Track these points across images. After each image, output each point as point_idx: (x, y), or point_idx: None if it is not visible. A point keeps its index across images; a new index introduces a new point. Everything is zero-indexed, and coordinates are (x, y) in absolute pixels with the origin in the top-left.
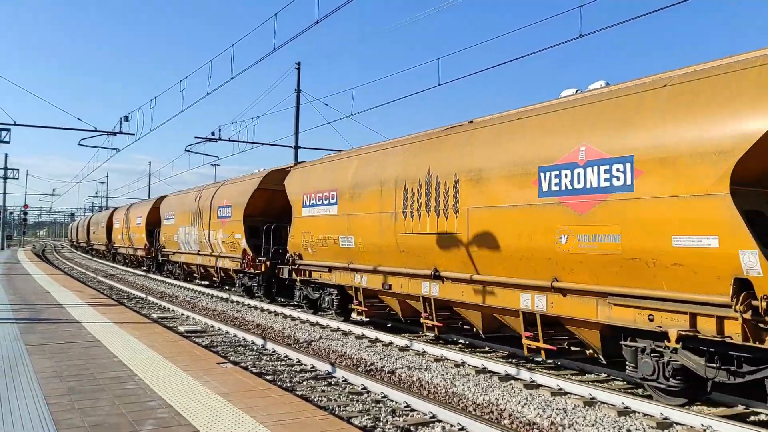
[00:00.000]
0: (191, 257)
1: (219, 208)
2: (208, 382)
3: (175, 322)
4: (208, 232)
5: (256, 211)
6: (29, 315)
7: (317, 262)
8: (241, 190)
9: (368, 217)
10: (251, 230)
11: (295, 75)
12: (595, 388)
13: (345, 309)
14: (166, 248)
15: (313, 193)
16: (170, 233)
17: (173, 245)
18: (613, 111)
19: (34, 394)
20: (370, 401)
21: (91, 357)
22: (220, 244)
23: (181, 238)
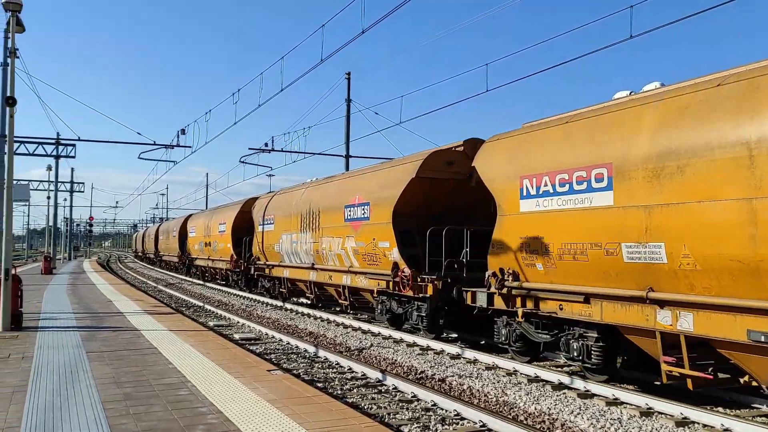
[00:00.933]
0: (300, 272)
1: (348, 208)
2: (258, 389)
3: (230, 330)
4: (330, 239)
5: (408, 210)
6: (91, 323)
7: (559, 285)
8: (386, 181)
9: (710, 207)
10: (403, 236)
11: (345, 85)
12: (652, 397)
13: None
14: (262, 260)
15: (546, 174)
16: (269, 242)
17: (273, 257)
18: None
19: (92, 400)
20: (420, 409)
21: (147, 364)
22: (350, 256)
23: (284, 247)
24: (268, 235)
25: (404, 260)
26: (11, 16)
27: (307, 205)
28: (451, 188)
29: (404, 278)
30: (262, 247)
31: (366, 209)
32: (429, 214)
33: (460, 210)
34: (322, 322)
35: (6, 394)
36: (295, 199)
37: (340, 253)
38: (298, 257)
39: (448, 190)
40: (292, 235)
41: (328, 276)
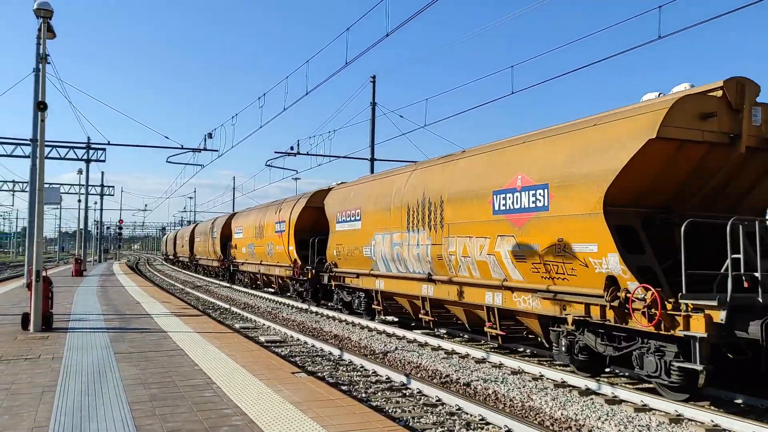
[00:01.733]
0: (406, 284)
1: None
2: (282, 391)
3: (256, 332)
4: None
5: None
6: (120, 324)
7: None
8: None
9: None
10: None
11: (370, 88)
12: (682, 404)
13: None
14: (343, 266)
15: None
16: (353, 243)
17: (359, 262)
18: None
19: (119, 400)
20: (444, 413)
21: (173, 365)
22: (504, 264)
23: (379, 250)
24: (353, 234)
25: (632, 272)
26: (42, 23)
27: (419, 194)
28: (703, 157)
29: (636, 302)
30: (341, 249)
31: (542, 195)
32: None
33: (716, 193)
34: (347, 325)
35: (36, 393)
36: (396, 186)
37: (485, 260)
38: (403, 264)
39: (698, 159)
40: (392, 235)
41: (458, 291)
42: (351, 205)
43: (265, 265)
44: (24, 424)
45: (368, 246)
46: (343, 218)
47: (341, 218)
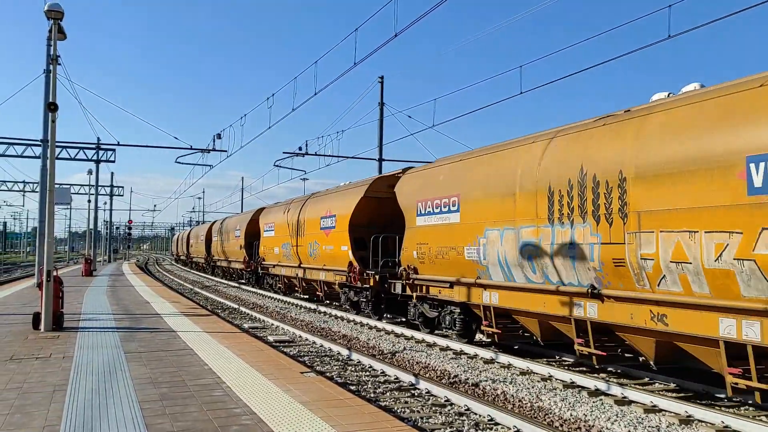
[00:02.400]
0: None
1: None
2: (291, 391)
3: (264, 332)
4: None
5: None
6: (129, 324)
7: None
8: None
9: None
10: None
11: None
12: (693, 405)
13: None
14: (424, 272)
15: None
16: (443, 242)
17: (457, 268)
18: None
19: (130, 399)
20: (453, 414)
21: (183, 365)
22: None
23: (497, 251)
24: (445, 231)
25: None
26: (53, 24)
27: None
28: (392, 206)
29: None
30: (425, 250)
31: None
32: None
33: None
34: (355, 325)
35: (47, 392)
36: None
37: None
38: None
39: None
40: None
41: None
42: (441, 191)
43: (307, 268)
44: (35, 423)
45: (473, 246)
46: (429, 209)
47: (425, 209)
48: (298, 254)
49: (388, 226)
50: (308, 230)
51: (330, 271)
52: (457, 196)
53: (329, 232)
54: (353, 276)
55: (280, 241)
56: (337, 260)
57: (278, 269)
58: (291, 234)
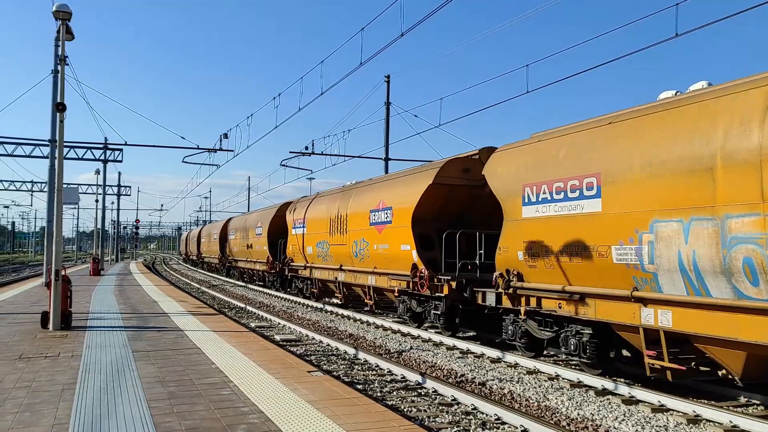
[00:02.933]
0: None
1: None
2: (298, 390)
3: (271, 331)
4: None
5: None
6: (137, 323)
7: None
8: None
9: None
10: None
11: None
12: (700, 404)
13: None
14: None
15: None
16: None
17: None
18: None
19: (138, 398)
20: (459, 413)
21: (190, 364)
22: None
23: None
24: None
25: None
26: (61, 25)
27: None
28: (467, 194)
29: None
30: (537, 250)
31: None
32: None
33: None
34: (361, 324)
35: (56, 391)
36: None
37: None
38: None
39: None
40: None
41: None
42: (564, 170)
43: (351, 271)
44: (44, 422)
45: (628, 245)
46: (543, 196)
47: (536, 196)
48: (338, 255)
49: (458, 221)
50: (353, 226)
51: (384, 275)
52: (595, 177)
53: (383, 228)
54: (418, 281)
55: (313, 239)
56: (394, 262)
57: (311, 271)
58: (329, 231)
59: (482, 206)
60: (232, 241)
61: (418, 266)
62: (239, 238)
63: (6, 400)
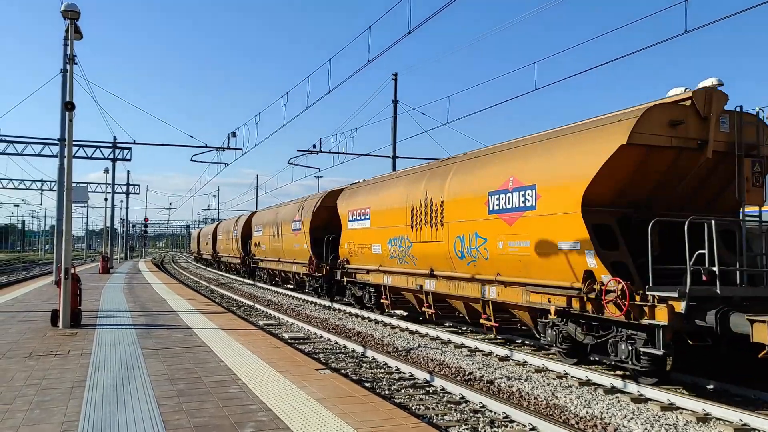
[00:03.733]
0: None
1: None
2: (307, 388)
3: (279, 329)
4: None
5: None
6: (146, 321)
7: None
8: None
9: None
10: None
11: (392, 86)
12: (710, 403)
13: None
14: None
15: None
16: None
17: None
18: None
19: (147, 396)
20: (468, 411)
21: (199, 361)
22: None
23: None
24: None
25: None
26: (70, 24)
27: None
28: (671, 162)
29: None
30: None
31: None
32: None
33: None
34: (369, 323)
35: (66, 389)
36: None
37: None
38: None
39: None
40: None
41: None
42: None
43: (450, 278)
44: (55, 419)
45: None
46: None
47: None
48: (426, 256)
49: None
50: (454, 215)
51: (515, 285)
52: None
53: (518, 216)
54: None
55: (383, 234)
56: (541, 268)
57: (378, 277)
58: (411, 224)
59: (693, 180)
60: (258, 237)
61: (596, 275)
62: (268, 235)
63: (16, 398)
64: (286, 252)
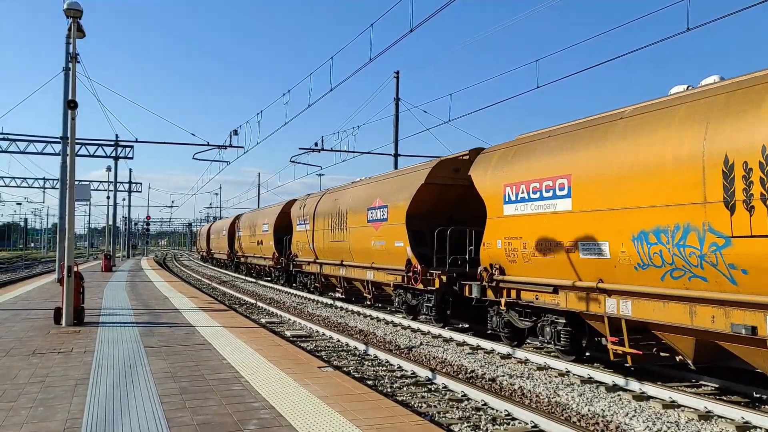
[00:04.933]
0: None
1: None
2: (309, 385)
3: (281, 327)
4: None
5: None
6: (149, 319)
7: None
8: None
9: None
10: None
11: (394, 84)
12: (711, 400)
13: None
14: None
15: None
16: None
17: None
18: None
19: (150, 393)
20: (470, 408)
21: (202, 359)
22: None
23: None
24: None
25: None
26: (72, 22)
27: None
28: (458, 193)
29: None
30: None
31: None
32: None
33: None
34: (371, 320)
35: (69, 386)
36: None
37: None
38: None
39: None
40: None
41: None
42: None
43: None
44: (59, 416)
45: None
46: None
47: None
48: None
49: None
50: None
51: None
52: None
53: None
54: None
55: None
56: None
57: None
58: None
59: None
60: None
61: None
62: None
63: (20, 395)
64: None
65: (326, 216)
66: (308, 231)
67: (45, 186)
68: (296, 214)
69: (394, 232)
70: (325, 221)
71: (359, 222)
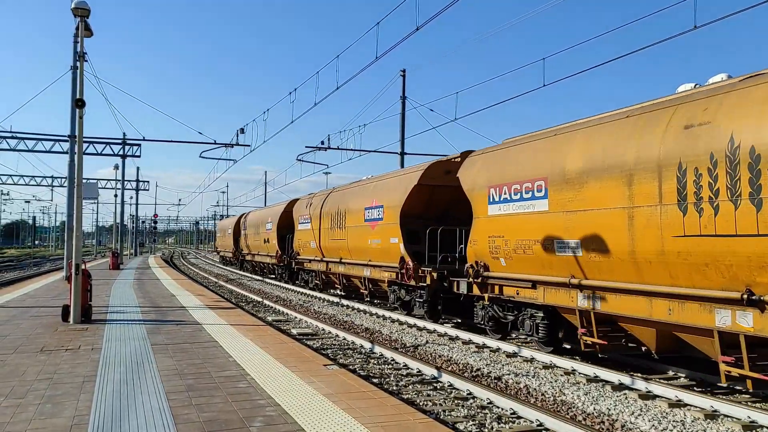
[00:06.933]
0: None
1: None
2: (314, 383)
3: (287, 325)
4: None
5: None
6: (156, 317)
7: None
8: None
9: None
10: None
11: (401, 82)
12: (718, 400)
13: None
14: None
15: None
16: None
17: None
18: None
19: (157, 390)
20: (475, 407)
21: (208, 357)
22: None
23: None
24: None
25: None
26: (80, 21)
27: None
28: (449, 194)
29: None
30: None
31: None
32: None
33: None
34: (377, 319)
35: (77, 383)
36: None
37: None
38: None
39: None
40: None
41: None
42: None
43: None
44: (66, 413)
45: None
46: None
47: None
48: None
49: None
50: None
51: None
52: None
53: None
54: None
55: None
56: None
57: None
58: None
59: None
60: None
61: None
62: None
63: (28, 392)
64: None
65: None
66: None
67: (53, 184)
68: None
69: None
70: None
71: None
